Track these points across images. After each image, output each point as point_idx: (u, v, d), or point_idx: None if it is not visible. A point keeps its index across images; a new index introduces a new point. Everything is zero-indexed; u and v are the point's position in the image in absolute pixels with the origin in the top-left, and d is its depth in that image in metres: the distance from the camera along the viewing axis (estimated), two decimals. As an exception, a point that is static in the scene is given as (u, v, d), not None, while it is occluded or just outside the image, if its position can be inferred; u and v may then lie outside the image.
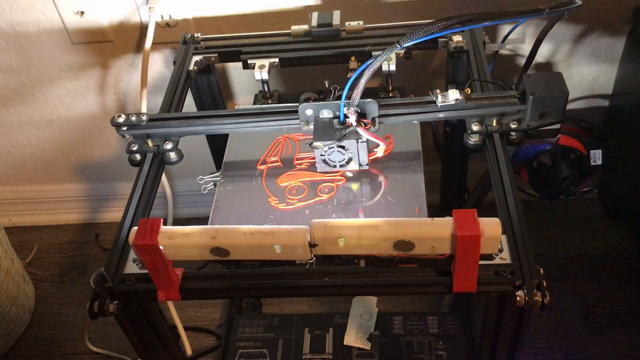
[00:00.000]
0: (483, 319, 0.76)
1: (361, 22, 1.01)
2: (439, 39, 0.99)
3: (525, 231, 0.67)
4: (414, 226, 0.62)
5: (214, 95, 1.11)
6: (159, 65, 1.25)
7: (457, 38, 0.97)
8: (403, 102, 0.82)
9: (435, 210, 1.38)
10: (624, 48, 1.20)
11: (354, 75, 0.74)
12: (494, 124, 0.79)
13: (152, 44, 1.12)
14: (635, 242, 1.38)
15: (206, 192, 0.88)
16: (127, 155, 0.83)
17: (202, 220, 0.92)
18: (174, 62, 1.01)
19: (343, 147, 0.80)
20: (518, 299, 0.62)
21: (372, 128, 0.80)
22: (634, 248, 1.38)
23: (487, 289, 0.65)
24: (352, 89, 0.75)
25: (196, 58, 1.01)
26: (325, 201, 0.82)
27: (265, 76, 0.97)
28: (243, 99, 1.31)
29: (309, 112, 0.80)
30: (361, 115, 0.79)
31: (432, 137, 1.14)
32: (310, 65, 1.00)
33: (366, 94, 0.99)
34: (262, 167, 0.89)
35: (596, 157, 1.24)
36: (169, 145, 0.82)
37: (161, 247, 0.62)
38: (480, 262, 0.62)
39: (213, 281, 0.68)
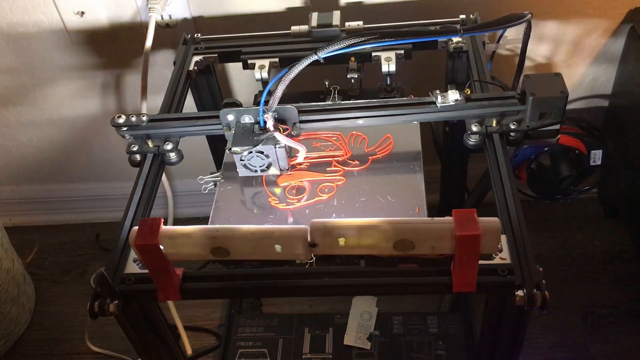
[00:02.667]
0: (483, 319, 0.76)
1: (361, 23, 1.01)
2: (439, 40, 0.99)
3: (525, 231, 0.67)
4: (414, 226, 0.62)
5: (214, 96, 1.11)
6: (159, 65, 1.25)
7: (456, 39, 0.97)
8: (403, 102, 0.82)
9: (435, 210, 1.38)
10: (623, 48, 1.20)
11: (271, 82, 0.77)
12: (494, 124, 0.79)
13: (152, 44, 1.12)
14: (635, 242, 1.38)
15: (206, 192, 0.88)
16: (127, 155, 0.84)
17: (202, 220, 0.93)
18: (174, 63, 1.01)
19: (262, 152, 0.81)
20: (518, 298, 0.62)
21: (292, 133, 0.81)
22: (634, 248, 1.38)
23: (487, 288, 0.65)
24: (269, 95, 0.77)
25: (196, 58, 1.01)
26: (325, 201, 0.82)
27: (265, 76, 0.97)
28: (243, 99, 1.31)
29: (230, 117, 0.82)
30: (281, 121, 0.81)
31: (432, 137, 1.14)
32: (310, 66, 1.00)
33: (366, 94, 1.00)
34: (262, 167, 0.89)
35: (596, 157, 1.24)
36: (169, 146, 0.83)
37: (161, 247, 0.62)
38: (480, 262, 0.62)
39: (213, 281, 0.69)
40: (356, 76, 0.97)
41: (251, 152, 0.80)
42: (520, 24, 0.81)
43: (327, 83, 0.99)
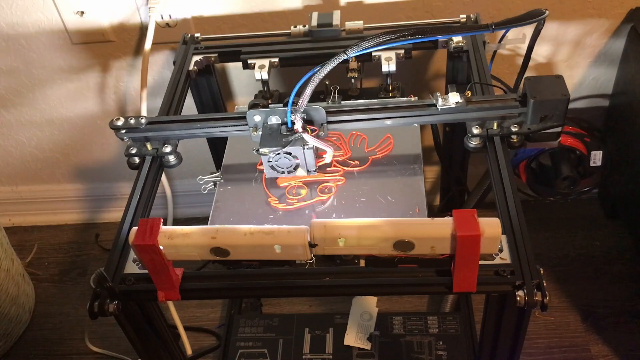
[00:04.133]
0: (483, 319, 0.76)
1: (361, 22, 1.01)
2: (439, 40, 0.99)
3: (525, 231, 0.67)
4: (414, 226, 0.62)
5: (214, 96, 1.11)
6: (159, 65, 1.25)
7: (457, 38, 0.97)
8: (404, 105, 0.82)
9: (435, 210, 1.38)
10: (624, 48, 1.20)
11: (299, 82, 0.74)
12: (495, 127, 0.79)
13: (152, 44, 1.12)
14: (635, 242, 1.38)
15: (206, 192, 0.88)
16: (126, 158, 0.83)
17: (202, 220, 0.92)
18: (174, 62, 1.01)
19: (290, 154, 0.80)
20: (518, 298, 0.62)
21: (320, 134, 0.80)
22: (634, 248, 1.38)
23: (487, 289, 0.65)
24: (298, 95, 0.75)
25: (196, 58, 1.01)
26: (325, 201, 0.82)
27: (265, 76, 0.97)
28: (243, 99, 1.31)
29: (257, 118, 0.80)
30: (309, 122, 0.80)
31: (433, 138, 1.14)
32: (310, 65, 1.00)
33: (367, 94, 1.00)
34: (262, 167, 0.89)
35: (596, 158, 1.24)
36: (167, 149, 0.83)
37: (161, 247, 0.62)
38: (480, 262, 0.62)
39: (213, 281, 0.69)
40: (356, 76, 0.97)
41: (279, 153, 0.79)
42: (541, 19, 0.80)
43: (327, 83, 0.99)
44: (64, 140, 1.44)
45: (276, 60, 0.98)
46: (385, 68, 0.95)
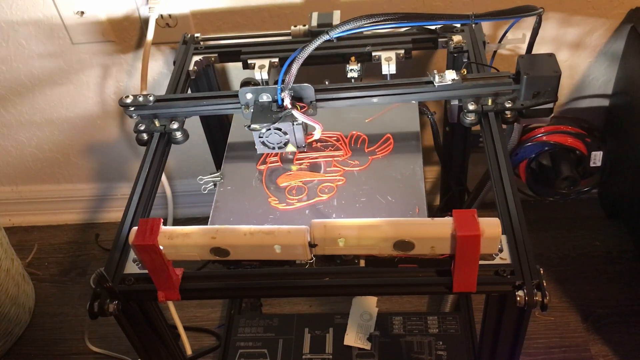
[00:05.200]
0: (483, 319, 0.76)
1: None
2: (439, 39, 0.99)
3: (525, 231, 0.67)
4: (414, 226, 0.62)
5: (214, 95, 1.11)
6: (159, 65, 1.25)
7: (457, 38, 0.97)
8: (402, 82, 0.85)
9: (435, 210, 1.38)
10: (624, 48, 1.20)
11: (287, 61, 0.78)
12: (490, 103, 0.82)
13: (152, 44, 1.12)
14: (635, 242, 1.38)
15: (206, 192, 0.88)
16: (135, 135, 0.86)
17: (202, 220, 0.93)
18: (174, 62, 1.01)
19: (280, 130, 0.83)
20: (518, 299, 0.62)
21: (309, 111, 0.83)
22: (634, 248, 1.38)
23: (487, 289, 0.65)
24: (286, 73, 0.79)
25: (196, 58, 1.01)
26: (325, 201, 0.82)
27: (265, 76, 0.97)
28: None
29: (249, 96, 0.83)
30: (298, 99, 0.83)
31: (433, 138, 1.14)
32: (311, 65, 1.00)
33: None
34: (262, 167, 0.89)
35: (596, 158, 1.24)
36: (175, 125, 0.86)
37: (161, 247, 0.62)
38: (480, 262, 0.62)
39: (213, 281, 0.69)
40: (356, 76, 0.97)
41: (269, 129, 0.82)
42: (531, 15, 0.82)
43: (327, 83, 0.99)
44: (64, 140, 1.44)
45: (276, 60, 0.98)
46: (385, 68, 0.95)
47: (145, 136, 0.86)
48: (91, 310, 0.65)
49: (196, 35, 1.05)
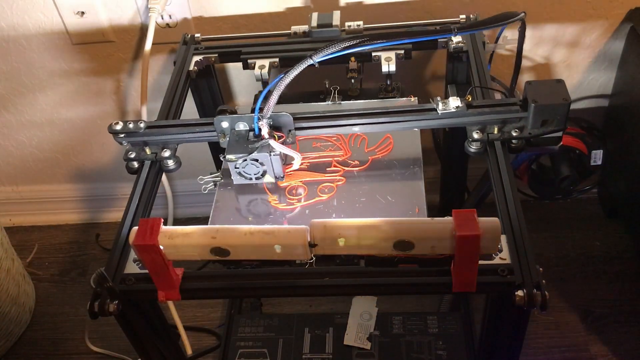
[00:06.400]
0: (483, 319, 0.76)
1: (361, 23, 1.01)
2: (439, 40, 0.99)
3: (525, 231, 0.67)
4: (414, 226, 0.62)
5: (214, 96, 1.11)
6: (159, 65, 1.25)
7: (457, 39, 0.97)
8: (404, 109, 0.81)
9: (435, 210, 1.38)
10: (623, 48, 1.20)
11: (265, 89, 0.74)
12: (496, 131, 0.78)
13: (152, 44, 1.12)
14: (635, 242, 1.38)
15: (206, 192, 0.88)
16: (125, 163, 0.83)
17: (202, 220, 0.92)
18: (174, 63, 1.01)
19: (257, 160, 0.79)
20: (517, 298, 0.62)
21: (287, 140, 0.80)
22: (634, 248, 1.38)
23: (486, 288, 0.65)
24: (264, 102, 0.75)
25: (196, 58, 1.01)
26: (325, 201, 0.82)
27: (265, 76, 0.97)
28: (243, 99, 1.31)
29: (225, 124, 0.80)
30: (276, 128, 0.79)
31: (432, 138, 1.14)
32: (311, 65, 1.00)
33: (367, 94, 1.00)
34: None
35: (597, 157, 1.24)
36: (166, 153, 0.82)
37: (161, 247, 0.62)
38: (480, 262, 0.62)
39: (213, 281, 0.69)
40: (356, 76, 0.97)
41: (246, 159, 0.79)
42: (513, 22, 0.80)
43: (327, 83, 1.00)
44: (64, 141, 1.44)
45: (276, 60, 0.98)
46: (385, 68, 0.95)
47: (135, 164, 0.82)
48: (91, 310, 0.65)
49: (196, 35, 1.05)
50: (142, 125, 0.83)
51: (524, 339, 0.73)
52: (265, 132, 0.78)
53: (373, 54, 0.97)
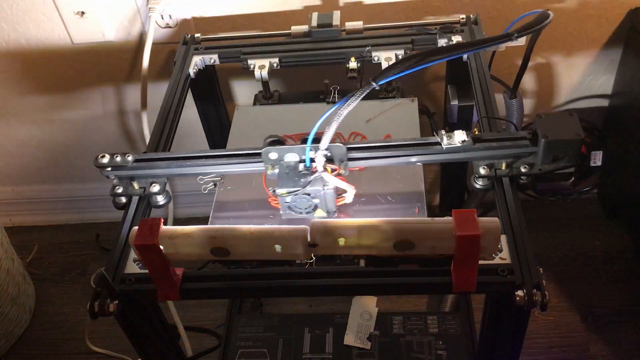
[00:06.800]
0: (483, 319, 0.76)
1: (361, 23, 1.01)
2: (439, 40, 0.99)
3: (525, 231, 0.67)
4: (414, 226, 0.62)
5: (214, 96, 1.11)
6: (159, 65, 1.25)
7: (457, 38, 0.97)
8: (406, 143, 0.77)
9: (435, 210, 1.38)
10: (623, 48, 1.20)
11: (321, 118, 0.69)
12: (504, 167, 0.74)
13: (153, 44, 1.12)
14: (635, 242, 1.38)
15: (206, 192, 0.88)
16: (111, 198, 0.79)
17: (202, 220, 0.93)
18: (174, 63, 1.01)
19: (308, 194, 0.74)
20: (517, 298, 0.62)
21: (341, 172, 0.75)
22: (634, 248, 1.38)
23: (486, 288, 0.65)
24: (324, 132, 0.70)
25: (196, 58, 1.01)
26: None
27: (265, 76, 0.97)
28: (243, 99, 1.31)
29: (273, 155, 0.75)
30: (328, 160, 0.74)
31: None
32: (310, 65, 1.00)
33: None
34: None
35: (596, 158, 1.24)
36: (155, 188, 0.77)
37: (161, 247, 0.62)
38: (480, 261, 0.62)
39: (213, 281, 0.69)
40: (356, 76, 0.97)
41: (297, 194, 0.74)
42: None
43: (327, 83, 1.00)
44: (64, 140, 1.44)
45: (276, 60, 0.98)
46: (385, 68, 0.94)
47: (123, 199, 0.78)
48: (91, 310, 0.65)
49: (196, 35, 1.05)
50: (129, 158, 0.79)
51: (524, 339, 0.73)
52: (319, 164, 0.72)
53: (373, 54, 0.97)
